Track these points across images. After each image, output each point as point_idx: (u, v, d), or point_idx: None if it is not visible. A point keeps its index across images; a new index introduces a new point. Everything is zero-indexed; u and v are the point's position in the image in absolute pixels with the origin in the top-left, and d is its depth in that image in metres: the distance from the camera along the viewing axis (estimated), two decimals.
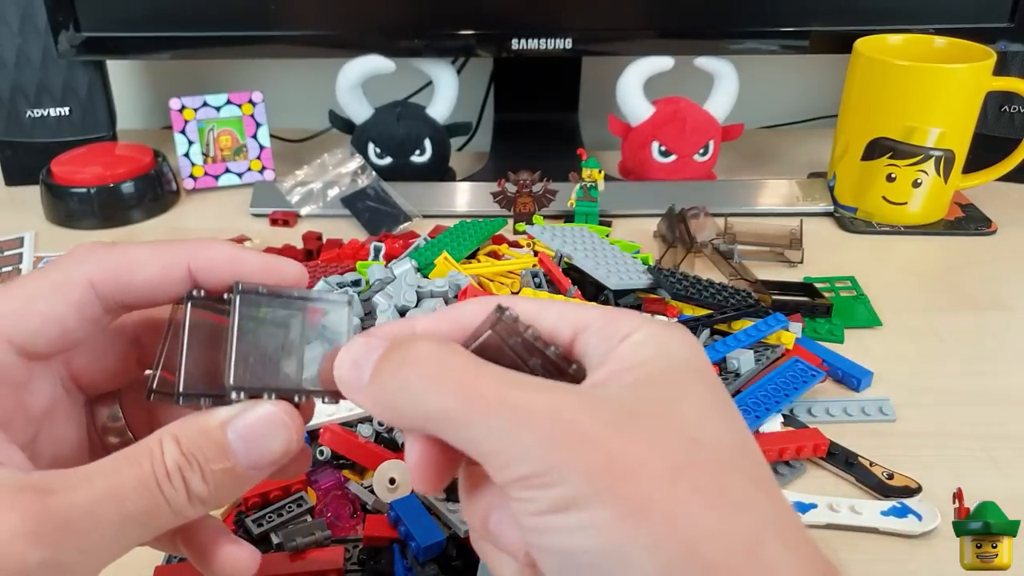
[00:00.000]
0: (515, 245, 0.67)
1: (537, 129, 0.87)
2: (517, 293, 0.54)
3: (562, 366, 0.25)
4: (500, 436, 0.22)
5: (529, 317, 0.26)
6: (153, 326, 0.30)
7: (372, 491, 0.42)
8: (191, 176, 0.80)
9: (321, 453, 0.43)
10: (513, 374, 0.23)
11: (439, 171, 0.81)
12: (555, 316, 0.26)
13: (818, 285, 0.62)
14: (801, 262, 0.66)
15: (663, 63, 0.77)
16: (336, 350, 0.26)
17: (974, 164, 0.72)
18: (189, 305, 0.27)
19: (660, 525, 0.21)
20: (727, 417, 0.24)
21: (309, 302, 0.28)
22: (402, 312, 0.49)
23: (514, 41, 0.77)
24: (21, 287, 0.26)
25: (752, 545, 0.21)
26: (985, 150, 0.74)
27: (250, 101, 0.80)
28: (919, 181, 0.70)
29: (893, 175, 0.70)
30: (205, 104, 0.79)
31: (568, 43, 0.77)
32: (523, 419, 0.22)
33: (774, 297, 0.59)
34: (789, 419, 0.48)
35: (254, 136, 0.81)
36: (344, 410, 0.44)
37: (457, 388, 0.23)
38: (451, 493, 0.41)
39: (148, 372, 0.28)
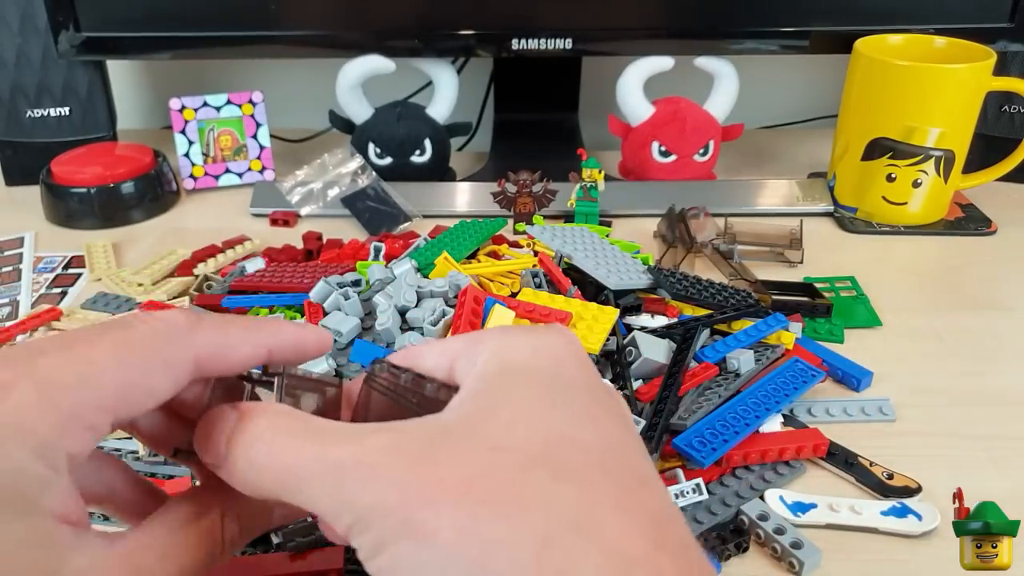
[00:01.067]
0: (515, 245, 0.67)
1: (537, 129, 0.87)
2: (517, 293, 0.54)
3: (439, 399, 0.26)
4: (324, 496, 0.23)
5: (409, 361, 0.27)
6: None
7: None
8: (191, 176, 0.80)
9: None
10: (335, 428, 0.24)
11: (439, 171, 0.81)
12: (437, 352, 0.27)
13: (818, 285, 0.62)
14: (801, 262, 0.66)
15: (663, 63, 0.77)
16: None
17: (974, 164, 0.72)
18: (250, 385, 0.29)
19: (450, 545, 0.21)
20: (557, 411, 0.24)
21: (324, 385, 0.29)
22: (402, 312, 0.49)
23: (514, 41, 0.77)
24: (136, 356, 0.24)
25: (542, 547, 0.20)
26: (985, 150, 0.74)
27: (250, 101, 0.80)
28: (919, 181, 0.70)
29: (893, 175, 0.70)
30: (205, 104, 0.79)
31: (568, 43, 0.77)
32: (337, 474, 0.22)
33: (774, 297, 0.59)
34: (789, 419, 0.48)
35: (254, 136, 0.81)
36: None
37: (282, 462, 0.24)
38: None
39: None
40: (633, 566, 0.20)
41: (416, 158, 0.79)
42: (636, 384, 0.48)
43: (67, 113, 0.80)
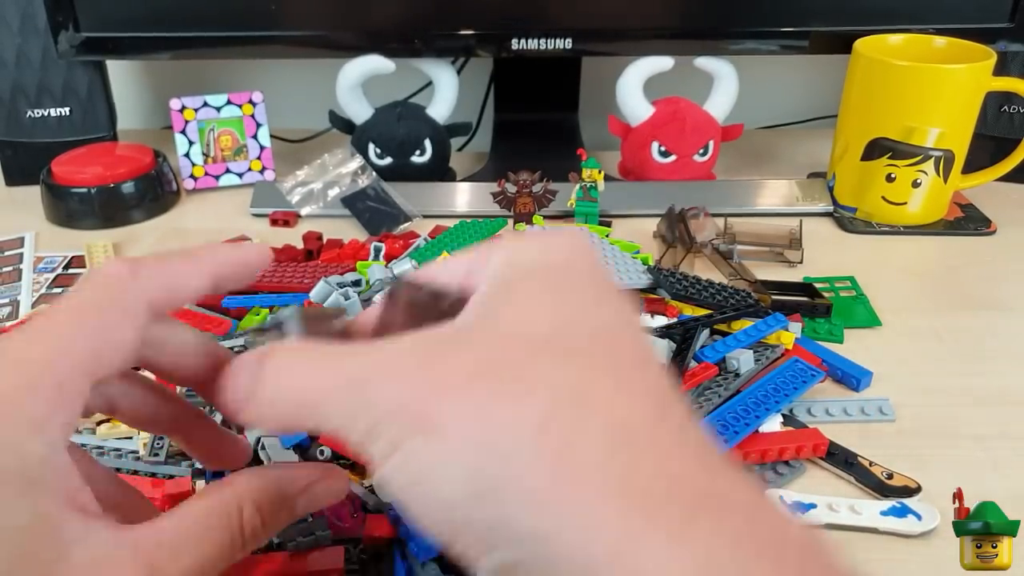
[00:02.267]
0: None
1: (537, 129, 0.87)
2: None
3: (456, 311, 0.26)
4: (340, 408, 0.23)
5: (427, 278, 0.28)
6: None
7: (372, 491, 0.42)
8: (191, 176, 0.80)
9: (321, 453, 0.43)
10: (351, 347, 0.24)
11: (439, 171, 0.81)
12: (452, 266, 0.28)
13: (818, 285, 0.62)
14: (800, 262, 0.66)
15: (663, 63, 0.77)
16: None
17: (974, 164, 0.72)
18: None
19: (457, 432, 0.21)
20: (563, 299, 0.24)
21: (332, 317, 0.30)
22: None
23: (514, 41, 0.77)
24: (98, 318, 0.25)
25: (544, 421, 0.20)
26: (985, 150, 0.74)
27: (250, 101, 0.80)
28: (919, 181, 0.70)
29: (893, 175, 0.70)
30: (205, 104, 0.79)
31: (568, 43, 0.77)
32: (352, 383, 0.23)
33: (774, 297, 0.59)
34: (789, 419, 0.48)
35: (254, 136, 0.81)
36: None
37: (302, 383, 0.24)
38: None
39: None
40: (633, 436, 0.21)
41: (416, 158, 0.79)
42: None
43: (67, 113, 0.80)
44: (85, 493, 0.24)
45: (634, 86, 0.77)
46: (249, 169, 0.81)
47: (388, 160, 0.79)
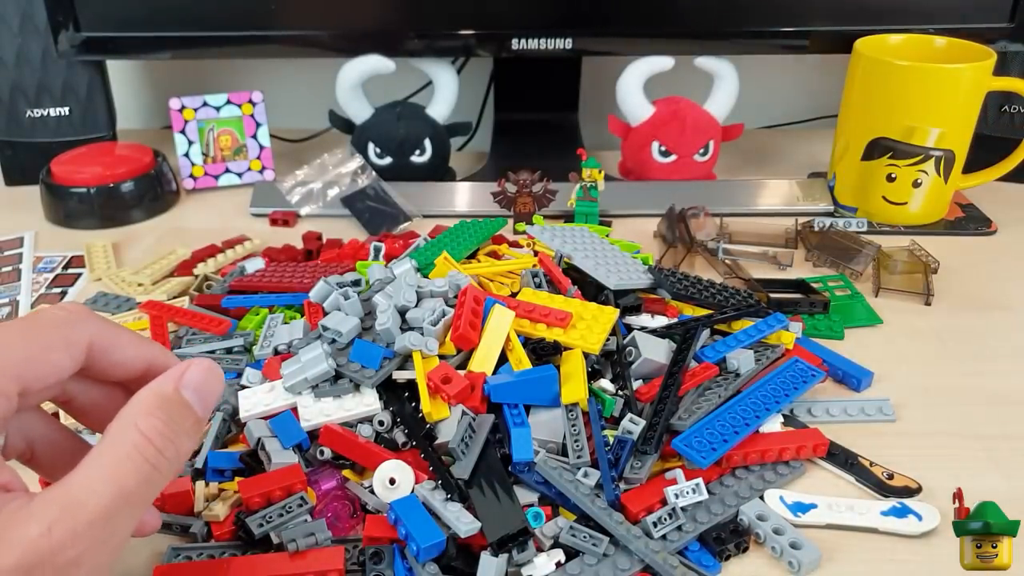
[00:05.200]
0: (515, 245, 0.67)
1: (537, 129, 0.87)
2: (517, 293, 0.54)
3: None
4: None
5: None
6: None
7: (372, 491, 0.42)
8: (191, 176, 0.80)
9: (321, 453, 0.43)
10: None
11: (439, 171, 0.81)
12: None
13: (812, 284, 0.62)
14: (790, 265, 0.66)
15: (663, 63, 0.77)
16: None
17: (974, 164, 0.72)
18: None
19: None
20: None
21: None
22: (402, 312, 0.49)
23: (514, 41, 0.77)
24: (38, 334, 0.30)
25: None
26: (985, 150, 0.74)
27: (250, 101, 0.80)
28: (919, 181, 0.70)
29: (893, 175, 0.70)
30: (205, 104, 0.79)
31: (568, 43, 0.77)
32: None
33: (771, 295, 0.59)
34: (789, 419, 0.48)
35: (254, 136, 0.81)
36: (344, 410, 0.44)
37: None
38: (452, 493, 0.41)
39: None
40: None
41: (416, 158, 0.79)
42: (636, 384, 0.48)
43: (67, 113, 0.80)
44: (5, 471, 0.27)
45: (634, 86, 0.77)
46: (249, 169, 0.81)
47: (388, 160, 0.79)
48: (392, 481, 0.41)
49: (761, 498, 0.43)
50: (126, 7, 0.76)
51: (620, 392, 0.47)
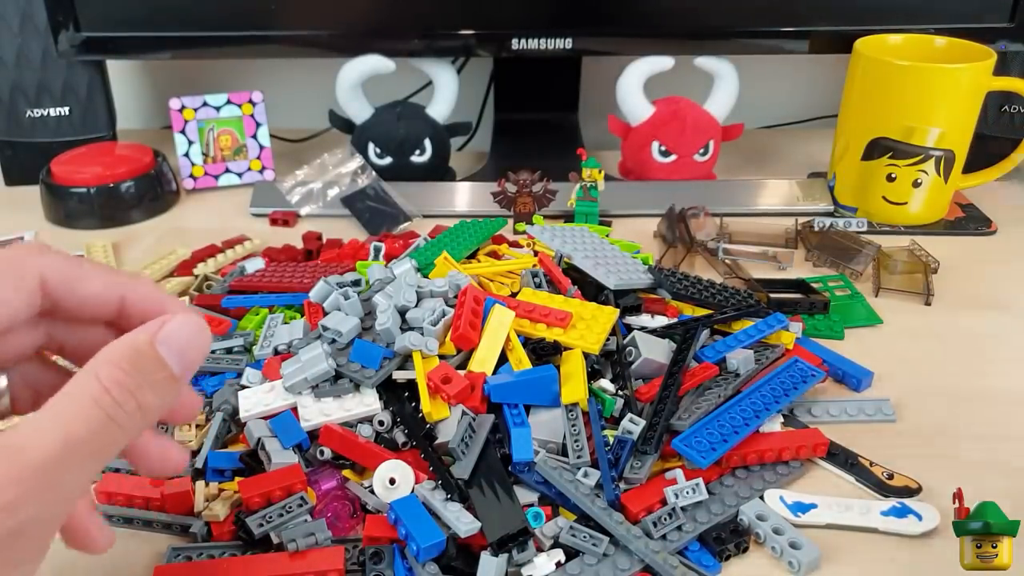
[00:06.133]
0: (515, 245, 0.66)
1: (537, 129, 0.87)
2: (517, 293, 0.54)
3: None
4: None
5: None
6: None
7: (372, 491, 0.42)
8: (191, 176, 0.80)
9: (321, 453, 0.43)
10: None
11: (439, 171, 0.81)
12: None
13: (812, 284, 0.62)
14: (791, 264, 0.66)
15: (663, 63, 0.77)
16: None
17: (974, 164, 0.72)
18: None
19: None
20: None
21: None
22: (402, 312, 0.49)
23: (514, 41, 0.77)
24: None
25: None
26: (985, 150, 0.74)
27: (250, 101, 0.80)
28: (919, 181, 0.70)
29: (893, 175, 0.70)
30: (205, 104, 0.79)
31: (568, 43, 0.77)
32: None
33: (771, 295, 0.59)
34: (789, 419, 0.48)
35: (254, 136, 0.81)
36: (344, 410, 0.44)
37: None
38: (452, 493, 0.41)
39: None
40: None
41: (416, 158, 0.79)
42: (636, 384, 0.48)
43: (67, 113, 0.80)
44: None
45: (634, 86, 0.77)
46: (249, 169, 0.81)
47: (388, 160, 0.79)
48: (392, 481, 0.41)
49: (761, 498, 0.43)
50: (126, 7, 0.76)
51: (620, 392, 0.47)
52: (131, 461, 0.31)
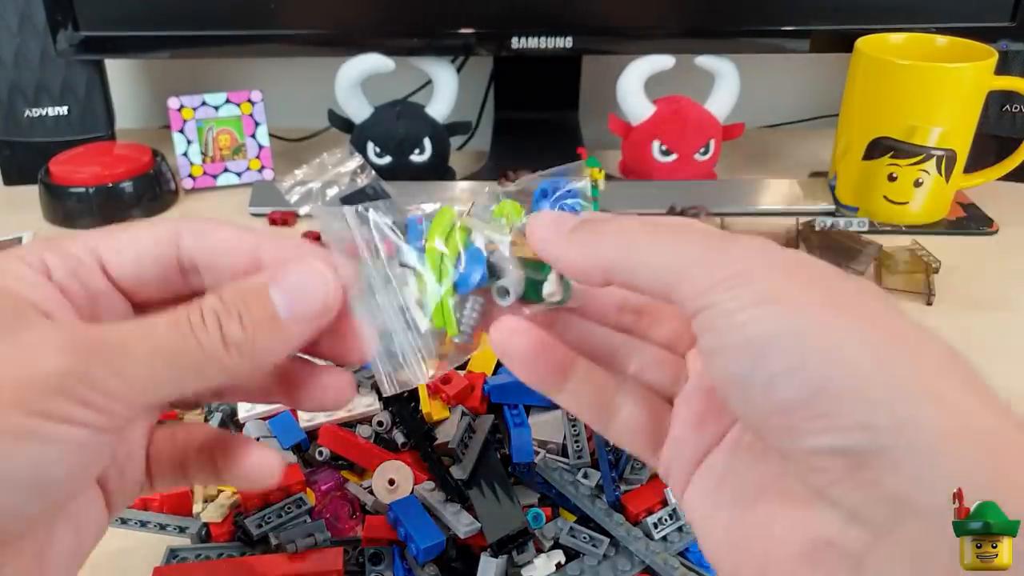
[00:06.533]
0: None
1: (537, 128, 0.87)
2: None
3: None
4: (693, 255, 0.23)
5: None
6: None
7: (371, 492, 0.41)
8: (190, 175, 0.80)
9: (320, 454, 0.43)
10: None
11: (439, 170, 0.81)
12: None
13: None
14: None
15: (664, 62, 0.76)
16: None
17: (975, 164, 0.72)
18: None
19: (861, 316, 0.22)
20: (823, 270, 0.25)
21: None
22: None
23: (514, 40, 0.76)
24: (124, 229, 0.29)
25: (887, 339, 0.22)
26: (986, 150, 0.73)
27: (249, 100, 0.80)
28: (920, 181, 0.70)
29: (894, 174, 0.70)
30: (204, 103, 0.79)
31: (568, 42, 0.76)
32: (712, 250, 0.23)
33: None
34: None
35: (253, 135, 0.80)
36: (343, 410, 0.44)
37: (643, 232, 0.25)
38: (452, 494, 0.40)
39: None
40: (955, 357, 0.23)
41: (416, 157, 0.79)
42: None
43: (65, 113, 0.80)
44: (56, 304, 0.26)
45: (635, 85, 0.76)
46: (248, 168, 0.81)
47: (387, 159, 0.79)
48: (391, 482, 0.41)
49: None
50: (125, 6, 0.76)
51: None
52: (225, 469, 0.29)
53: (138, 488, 0.29)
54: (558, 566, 0.38)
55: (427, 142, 0.78)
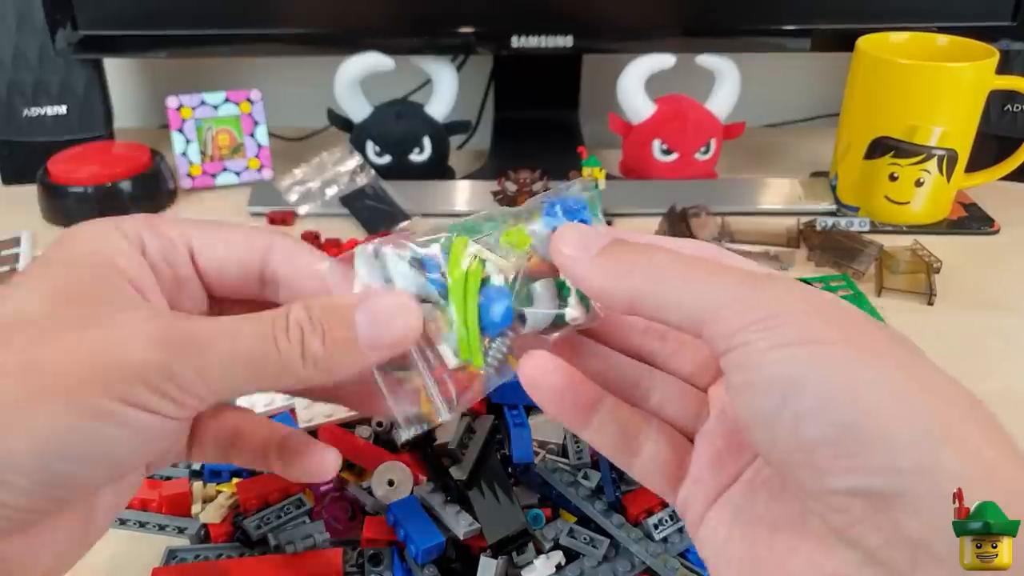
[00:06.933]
0: None
1: (537, 127, 0.86)
2: None
3: None
4: (730, 293, 0.24)
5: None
6: None
7: (371, 493, 0.41)
8: (189, 175, 0.80)
9: None
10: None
11: (438, 170, 0.81)
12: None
13: (813, 285, 0.61)
14: (793, 264, 0.66)
15: (664, 61, 0.76)
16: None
17: (977, 163, 0.72)
18: None
19: (889, 361, 0.23)
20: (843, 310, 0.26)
21: None
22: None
23: (514, 38, 0.76)
24: (220, 226, 0.30)
25: (906, 378, 0.23)
26: (988, 149, 0.73)
27: (248, 99, 0.79)
28: (922, 180, 0.70)
29: (896, 174, 0.70)
30: (203, 102, 0.78)
31: (569, 41, 0.76)
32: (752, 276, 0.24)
33: None
34: None
35: (252, 135, 0.80)
36: (342, 410, 0.44)
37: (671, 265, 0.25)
38: (451, 494, 0.40)
39: None
40: (973, 403, 0.24)
41: (415, 156, 0.79)
42: None
43: (64, 112, 0.80)
44: (147, 281, 0.28)
45: (635, 84, 0.76)
46: (247, 168, 0.81)
47: (387, 158, 0.78)
48: (391, 482, 0.41)
49: None
50: (124, 5, 0.76)
51: None
52: (284, 463, 0.30)
53: (176, 457, 0.30)
54: (558, 567, 0.38)
55: (427, 141, 0.78)
